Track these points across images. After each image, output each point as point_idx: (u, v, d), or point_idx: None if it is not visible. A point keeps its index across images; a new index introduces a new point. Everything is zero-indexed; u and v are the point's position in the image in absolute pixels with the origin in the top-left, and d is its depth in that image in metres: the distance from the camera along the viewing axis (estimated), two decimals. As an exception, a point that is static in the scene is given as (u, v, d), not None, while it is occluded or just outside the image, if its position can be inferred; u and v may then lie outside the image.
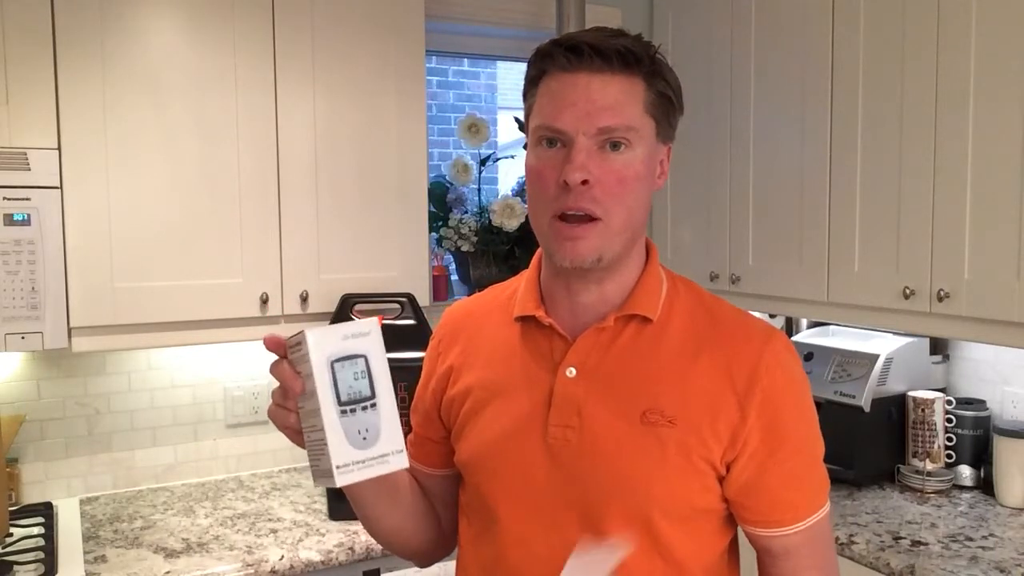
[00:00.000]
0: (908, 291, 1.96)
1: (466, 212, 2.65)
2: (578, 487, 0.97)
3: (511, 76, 3.39)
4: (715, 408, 0.95)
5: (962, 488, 2.16)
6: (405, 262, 2.20)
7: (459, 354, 1.10)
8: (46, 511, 2.01)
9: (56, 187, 1.82)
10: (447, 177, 2.68)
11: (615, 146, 0.94)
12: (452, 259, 2.75)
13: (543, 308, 1.04)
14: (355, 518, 1.97)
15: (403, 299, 2.12)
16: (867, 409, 2.15)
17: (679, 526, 0.97)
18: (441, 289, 2.63)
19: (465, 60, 3.24)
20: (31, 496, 2.14)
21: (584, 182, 0.92)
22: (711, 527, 1.01)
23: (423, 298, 2.19)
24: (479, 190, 2.67)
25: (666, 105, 0.98)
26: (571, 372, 0.99)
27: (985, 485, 2.13)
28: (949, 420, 2.20)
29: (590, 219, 0.94)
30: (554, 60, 0.95)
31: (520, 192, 2.67)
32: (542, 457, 0.99)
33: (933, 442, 2.19)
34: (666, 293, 1.03)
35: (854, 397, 2.17)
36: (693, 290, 1.06)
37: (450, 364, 1.10)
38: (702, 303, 1.04)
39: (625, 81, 0.94)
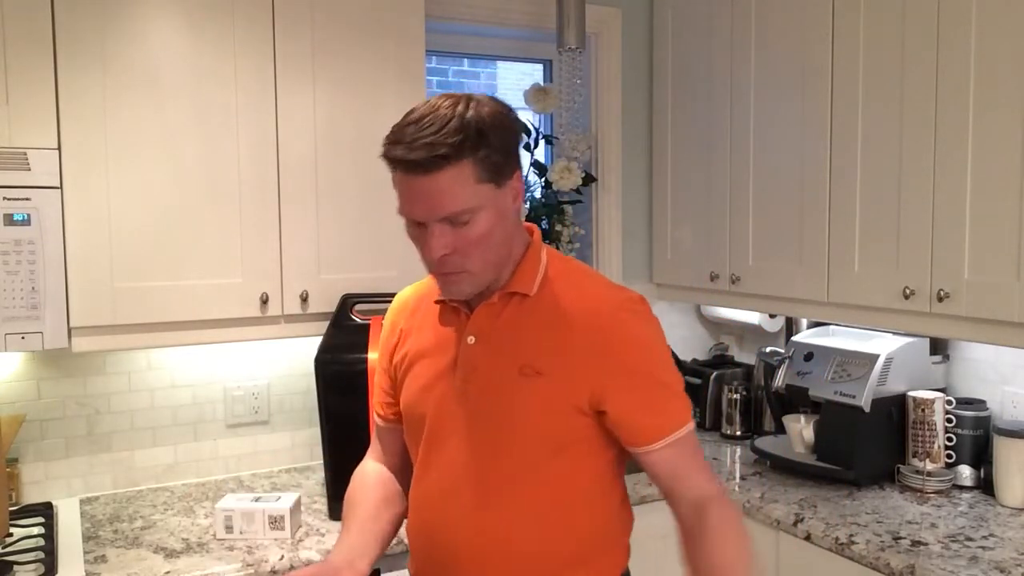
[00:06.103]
0: (908, 291, 1.97)
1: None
2: (476, 425, 1.25)
3: (511, 76, 3.38)
4: (575, 361, 1.21)
5: (962, 488, 2.16)
6: (405, 262, 2.20)
7: (404, 328, 1.39)
8: (46, 511, 2.01)
9: (56, 187, 1.82)
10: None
11: (460, 222, 1.14)
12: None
13: None
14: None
15: (403, 299, 2.12)
16: (867, 409, 2.15)
17: (550, 456, 1.22)
18: (441, 289, 2.62)
19: (465, 60, 3.24)
20: (31, 496, 2.14)
21: (445, 254, 1.16)
22: (575, 454, 1.24)
23: (423, 298, 2.19)
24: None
25: (496, 160, 1.14)
26: (471, 339, 1.27)
27: (985, 485, 2.13)
28: (949, 420, 2.20)
29: (459, 270, 1.19)
30: (392, 163, 1.16)
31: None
32: (452, 403, 1.27)
33: (933, 442, 2.19)
34: (544, 272, 1.27)
35: (854, 397, 2.17)
36: (568, 268, 1.30)
37: (400, 333, 1.39)
38: (571, 277, 1.27)
39: (450, 170, 1.11)
